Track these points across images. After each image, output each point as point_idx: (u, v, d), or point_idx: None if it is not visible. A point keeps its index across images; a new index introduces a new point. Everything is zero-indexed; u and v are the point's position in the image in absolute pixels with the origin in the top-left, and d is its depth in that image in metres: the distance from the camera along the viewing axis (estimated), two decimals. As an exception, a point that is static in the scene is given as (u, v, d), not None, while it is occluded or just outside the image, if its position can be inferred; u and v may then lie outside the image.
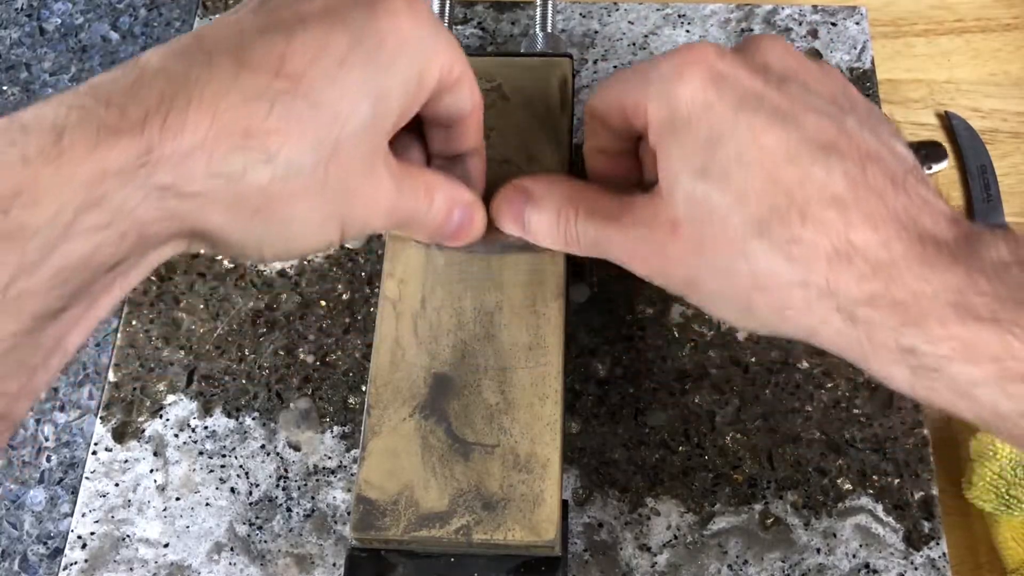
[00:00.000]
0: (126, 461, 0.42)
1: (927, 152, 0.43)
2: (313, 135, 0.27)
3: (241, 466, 0.42)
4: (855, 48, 0.51)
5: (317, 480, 0.42)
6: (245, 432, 0.43)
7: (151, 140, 0.24)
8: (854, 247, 0.27)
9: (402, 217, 0.32)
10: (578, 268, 0.44)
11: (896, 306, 0.26)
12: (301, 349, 0.44)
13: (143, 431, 0.43)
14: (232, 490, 0.41)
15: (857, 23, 0.52)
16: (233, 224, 0.27)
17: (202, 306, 0.46)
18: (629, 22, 0.52)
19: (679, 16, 0.52)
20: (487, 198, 0.36)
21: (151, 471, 0.42)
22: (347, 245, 0.47)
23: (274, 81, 0.26)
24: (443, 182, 0.33)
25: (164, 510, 0.41)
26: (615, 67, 0.51)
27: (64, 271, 0.24)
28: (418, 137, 0.34)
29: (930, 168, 0.41)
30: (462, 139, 0.34)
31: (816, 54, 0.51)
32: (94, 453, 0.43)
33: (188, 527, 0.41)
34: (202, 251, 0.31)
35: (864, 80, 0.50)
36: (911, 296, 0.26)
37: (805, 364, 0.43)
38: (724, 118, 0.28)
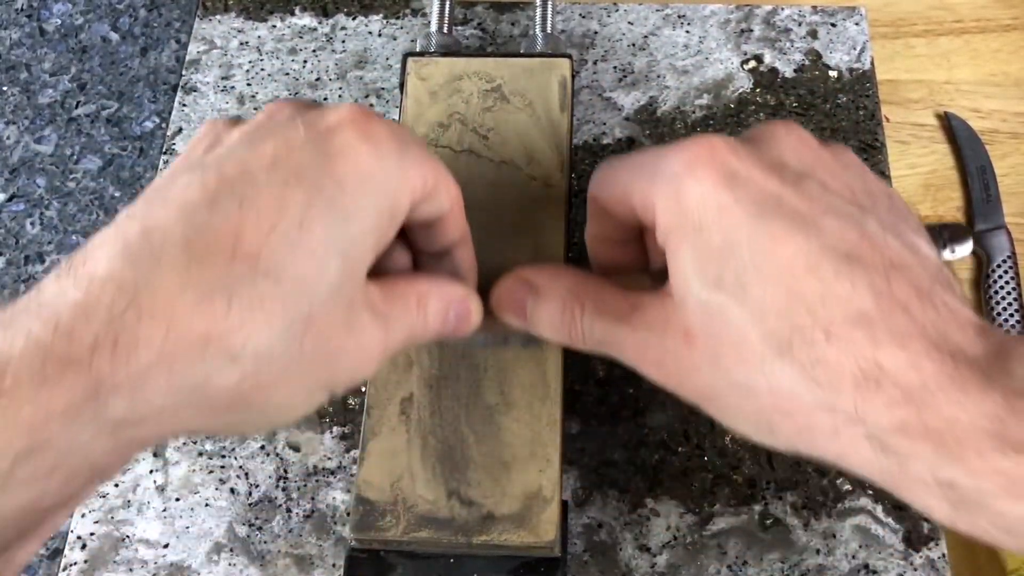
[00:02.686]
0: (126, 461, 0.42)
1: (949, 234, 0.42)
2: (281, 317, 0.25)
3: (241, 467, 0.42)
4: (855, 49, 0.51)
5: (317, 481, 0.42)
6: (245, 433, 0.43)
7: (100, 371, 0.22)
8: (882, 369, 0.25)
9: (400, 343, 0.30)
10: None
11: (930, 435, 0.24)
12: (301, 350, 0.44)
13: (143, 431, 0.43)
14: (232, 491, 0.41)
15: (857, 24, 0.52)
16: (203, 424, 0.26)
17: (202, 307, 0.46)
18: (629, 23, 0.52)
19: (679, 17, 0.52)
20: (487, 195, 0.36)
21: (151, 472, 0.42)
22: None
23: (230, 267, 0.24)
24: (433, 286, 0.31)
25: (164, 511, 0.41)
26: (614, 67, 0.51)
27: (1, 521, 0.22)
28: (401, 238, 0.32)
29: (952, 251, 0.39)
30: (446, 234, 0.32)
31: (816, 55, 0.51)
32: (94, 453, 0.43)
33: (188, 528, 0.41)
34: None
35: (864, 81, 0.50)
36: (946, 424, 0.24)
37: (805, 365, 0.43)
38: (740, 224, 0.26)
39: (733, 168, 0.27)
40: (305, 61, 0.52)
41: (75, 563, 0.40)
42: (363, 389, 0.43)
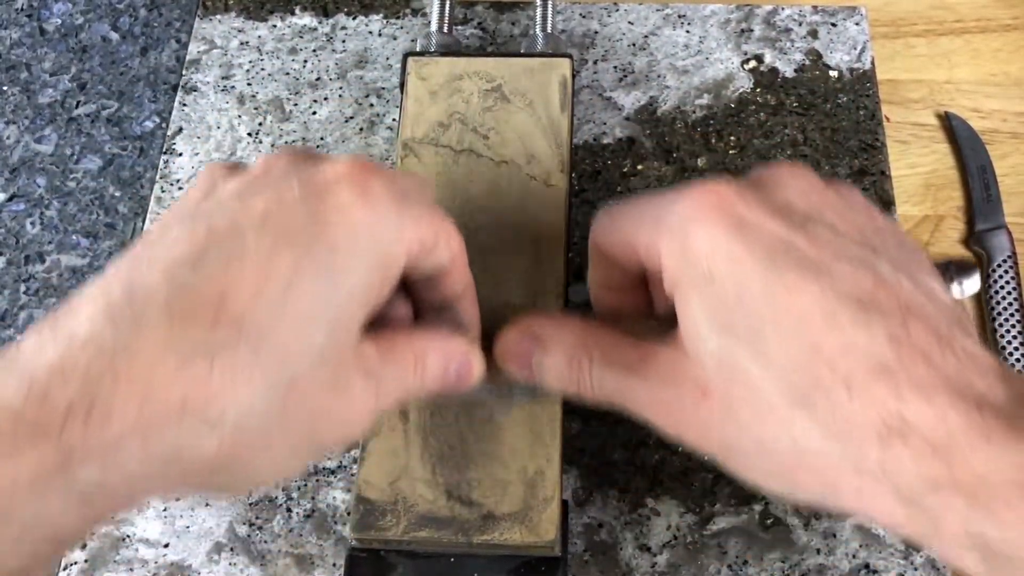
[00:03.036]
0: (126, 461, 0.42)
1: (957, 269, 0.41)
2: (261, 382, 0.24)
3: (241, 466, 0.42)
4: (855, 48, 0.51)
5: (317, 480, 0.42)
6: (245, 432, 0.43)
7: (71, 440, 0.22)
8: (907, 423, 0.24)
9: (389, 405, 0.29)
10: (578, 268, 0.44)
11: (960, 489, 0.24)
12: (301, 349, 0.44)
13: (143, 431, 0.43)
14: (232, 490, 0.41)
15: (857, 23, 0.52)
16: (181, 490, 0.25)
17: (202, 306, 0.46)
18: (629, 22, 0.52)
19: (679, 17, 0.52)
20: (487, 195, 0.36)
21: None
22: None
23: (212, 330, 0.23)
24: (432, 343, 0.30)
25: (164, 510, 0.41)
26: (615, 67, 0.51)
27: None
28: (402, 290, 0.31)
29: (961, 285, 0.38)
30: (447, 288, 0.31)
31: (816, 55, 0.51)
32: (94, 453, 0.43)
33: (188, 527, 0.41)
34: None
35: (864, 81, 0.50)
36: (975, 478, 0.23)
37: (805, 364, 0.43)
38: (752, 274, 0.26)
39: (741, 215, 0.26)
40: (305, 61, 0.52)
41: (75, 563, 0.40)
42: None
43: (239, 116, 0.50)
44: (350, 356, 0.27)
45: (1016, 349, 0.45)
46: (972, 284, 0.38)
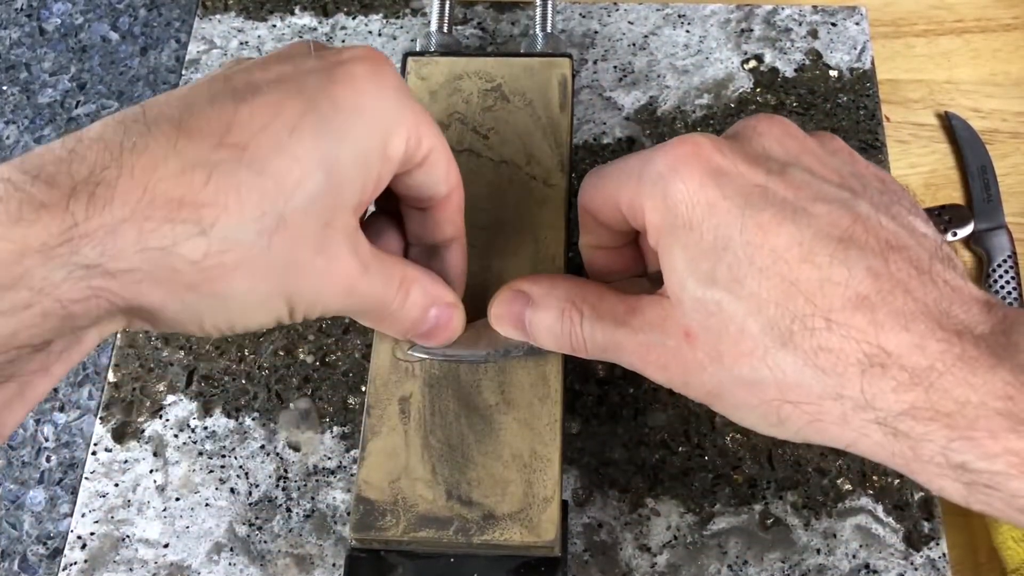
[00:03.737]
0: (126, 461, 0.42)
1: (951, 216, 0.41)
2: (254, 207, 0.25)
3: (241, 466, 0.42)
4: (855, 48, 0.51)
5: (317, 480, 0.42)
6: (245, 432, 0.43)
7: (75, 215, 0.23)
8: (887, 352, 0.24)
9: (368, 303, 0.30)
10: (578, 268, 0.44)
11: (941, 417, 0.24)
12: (301, 349, 0.44)
13: (143, 431, 0.43)
14: (232, 490, 0.41)
15: (857, 23, 0.52)
16: (167, 300, 0.26)
17: (202, 306, 0.45)
18: (629, 22, 0.52)
19: (679, 16, 0.52)
20: (487, 195, 0.36)
21: (151, 471, 0.42)
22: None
23: (216, 150, 0.25)
24: (422, 277, 0.31)
25: (164, 510, 0.41)
26: (615, 67, 0.51)
27: None
28: (396, 224, 0.32)
29: (955, 234, 0.39)
30: (440, 226, 0.32)
31: (816, 54, 0.51)
32: (94, 453, 0.43)
33: (188, 527, 0.41)
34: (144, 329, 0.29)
35: (864, 80, 0.50)
36: (956, 405, 0.24)
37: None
38: (729, 219, 0.26)
39: (718, 164, 0.27)
40: (305, 61, 0.52)
41: (75, 563, 0.40)
42: (363, 389, 0.43)
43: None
44: (341, 227, 0.28)
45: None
46: (965, 230, 0.39)
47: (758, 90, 0.50)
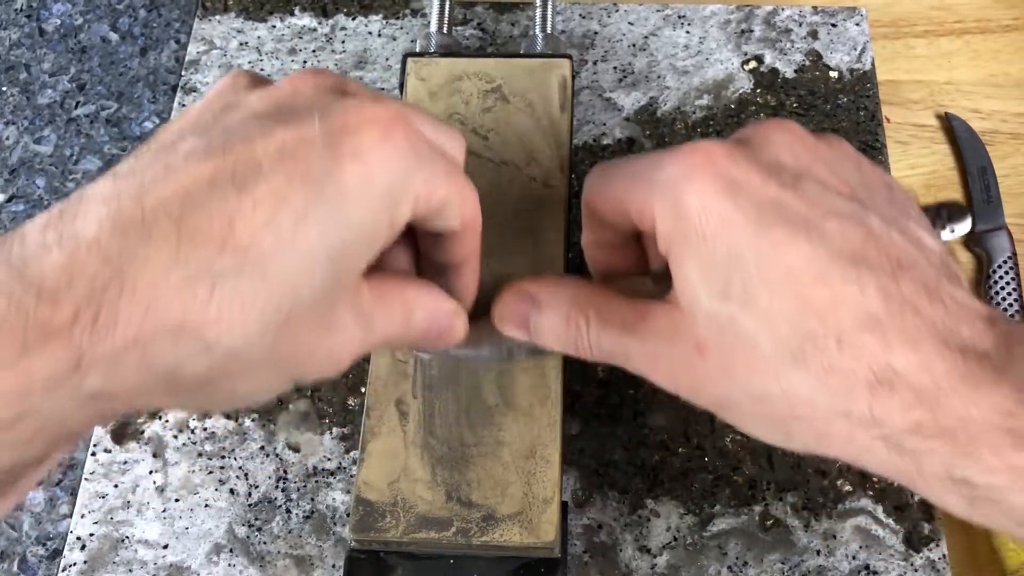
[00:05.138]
0: (125, 462, 0.42)
1: (949, 213, 0.41)
2: (259, 313, 0.24)
3: (240, 467, 0.42)
4: (855, 49, 0.51)
5: (316, 481, 0.41)
6: (244, 433, 0.43)
7: (82, 343, 0.22)
8: (895, 372, 0.25)
9: (375, 347, 0.29)
10: (578, 268, 0.44)
11: (944, 434, 0.25)
12: (300, 350, 0.44)
13: (142, 432, 0.43)
14: (231, 491, 0.41)
15: (857, 24, 0.52)
16: (167, 402, 0.26)
17: (201, 307, 0.45)
18: (629, 23, 0.52)
19: (679, 17, 0.52)
20: (487, 196, 0.36)
21: (150, 472, 0.42)
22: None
23: (219, 257, 0.24)
24: (423, 296, 0.30)
25: (163, 511, 0.41)
26: (615, 68, 0.51)
27: None
28: (406, 238, 0.31)
29: (952, 231, 0.39)
30: (451, 252, 0.31)
31: (816, 55, 0.51)
32: (93, 454, 0.43)
33: (187, 528, 0.41)
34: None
35: (864, 81, 0.50)
36: (959, 423, 0.24)
37: (805, 365, 0.43)
38: (743, 233, 0.26)
39: (731, 175, 0.27)
40: (305, 61, 0.52)
41: (75, 563, 0.40)
42: (363, 389, 0.43)
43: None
44: (346, 295, 0.28)
45: (1016, 350, 0.45)
46: (963, 227, 0.39)
47: (758, 91, 0.50)
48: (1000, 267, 0.47)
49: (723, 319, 0.27)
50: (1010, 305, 0.46)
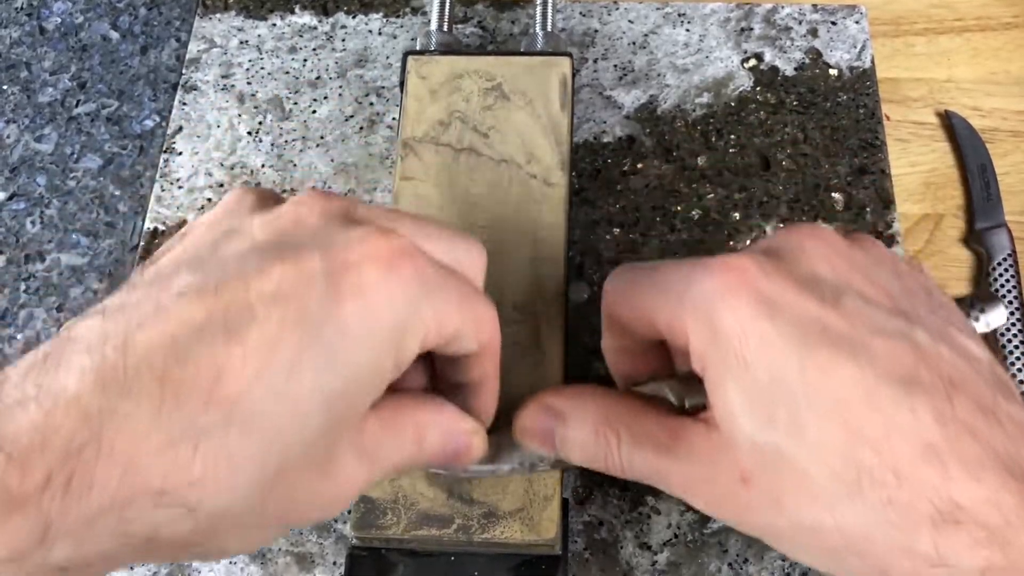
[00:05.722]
0: (126, 460, 0.42)
1: (981, 304, 0.40)
2: (247, 469, 0.23)
3: (241, 465, 0.42)
4: (855, 47, 0.51)
5: (317, 479, 0.42)
6: (245, 431, 0.43)
7: (50, 511, 0.21)
8: (959, 507, 0.23)
9: (383, 478, 0.28)
10: (578, 267, 0.44)
11: (1017, 573, 0.23)
12: (301, 348, 0.44)
13: (143, 430, 0.43)
14: (232, 489, 0.41)
15: (857, 22, 0.52)
16: (151, 562, 0.25)
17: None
18: (629, 21, 0.52)
19: (679, 15, 0.52)
20: (487, 194, 0.36)
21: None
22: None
23: (204, 413, 0.22)
24: (436, 417, 0.29)
25: (164, 509, 0.41)
26: (615, 66, 0.51)
27: None
28: (423, 357, 0.29)
29: (988, 324, 0.37)
30: (470, 373, 0.30)
31: (816, 53, 0.51)
32: (94, 452, 0.43)
33: (188, 526, 0.41)
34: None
35: (864, 79, 0.50)
36: None
37: (805, 363, 0.43)
38: (785, 357, 0.25)
39: (767, 293, 0.26)
40: (305, 60, 0.52)
41: (76, 561, 0.40)
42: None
43: (239, 115, 0.50)
44: (348, 435, 0.26)
45: (1017, 347, 0.45)
46: (997, 317, 0.37)
47: (758, 89, 0.50)
48: (1000, 264, 0.47)
49: (769, 449, 0.25)
50: (1010, 303, 0.46)
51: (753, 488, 0.26)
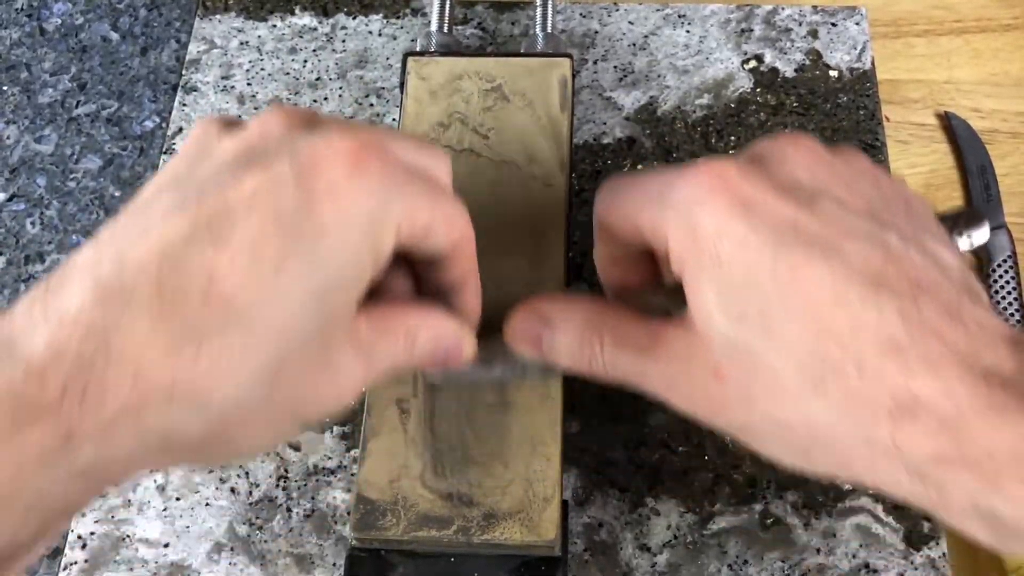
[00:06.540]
0: (126, 461, 0.42)
1: (966, 221, 0.40)
2: (250, 366, 0.24)
3: (241, 466, 0.42)
4: (855, 48, 0.51)
5: (317, 480, 0.42)
6: (245, 432, 0.43)
7: (71, 417, 0.22)
8: (917, 399, 0.24)
9: (380, 377, 0.29)
10: (578, 267, 0.44)
11: (968, 464, 0.24)
12: (301, 349, 0.44)
13: (143, 431, 0.43)
14: (232, 490, 0.41)
15: (857, 23, 0.52)
16: (169, 464, 0.26)
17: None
18: (629, 22, 0.52)
19: (679, 17, 0.52)
20: (487, 195, 0.36)
21: (151, 471, 0.42)
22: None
23: (202, 312, 0.23)
24: (427, 319, 0.30)
25: (164, 510, 0.41)
26: (615, 67, 0.51)
27: None
28: (406, 264, 0.31)
29: (970, 240, 0.38)
30: (449, 273, 0.31)
31: (816, 54, 0.51)
32: (94, 453, 0.43)
33: (188, 527, 0.41)
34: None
35: (864, 80, 0.50)
36: (983, 452, 0.24)
37: (805, 364, 0.43)
38: (760, 257, 0.26)
39: (746, 195, 0.26)
40: (305, 61, 0.52)
41: (75, 562, 0.40)
42: (363, 389, 0.43)
43: (239, 116, 0.50)
44: (341, 332, 0.27)
45: (1016, 349, 0.45)
46: (980, 235, 0.38)
47: (758, 90, 0.50)
48: (1000, 266, 0.47)
49: (741, 345, 0.26)
50: (1010, 304, 0.46)
51: (727, 383, 0.27)
